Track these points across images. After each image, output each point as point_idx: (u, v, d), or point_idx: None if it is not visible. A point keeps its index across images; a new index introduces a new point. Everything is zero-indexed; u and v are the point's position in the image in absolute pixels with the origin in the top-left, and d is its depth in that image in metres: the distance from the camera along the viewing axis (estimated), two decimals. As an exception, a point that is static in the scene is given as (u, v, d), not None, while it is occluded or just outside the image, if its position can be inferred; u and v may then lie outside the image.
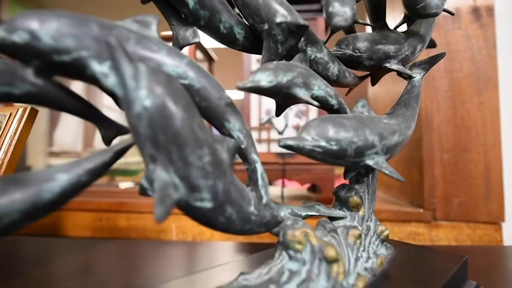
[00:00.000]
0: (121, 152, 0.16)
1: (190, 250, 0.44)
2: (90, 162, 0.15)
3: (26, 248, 0.43)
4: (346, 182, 0.24)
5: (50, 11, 0.15)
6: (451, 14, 0.26)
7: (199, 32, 0.21)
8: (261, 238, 0.52)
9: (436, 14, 0.22)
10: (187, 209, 0.15)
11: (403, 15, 0.28)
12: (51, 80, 0.15)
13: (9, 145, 0.28)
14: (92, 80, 0.15)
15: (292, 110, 0.57)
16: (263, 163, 0.20)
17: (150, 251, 0.43)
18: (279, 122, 0.58)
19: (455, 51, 0.51)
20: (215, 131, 0.20)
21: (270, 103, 0.59)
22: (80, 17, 0.15)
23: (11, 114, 0.29)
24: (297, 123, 0.58)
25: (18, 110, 0.29)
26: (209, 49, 0.82)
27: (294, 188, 0.79)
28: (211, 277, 0.22)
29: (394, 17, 0.57)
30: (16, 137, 0.28)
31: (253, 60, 0.60)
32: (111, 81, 0.14)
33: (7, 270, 0.35)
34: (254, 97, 0.58)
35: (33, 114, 0.30)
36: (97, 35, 0.15)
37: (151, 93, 0.13)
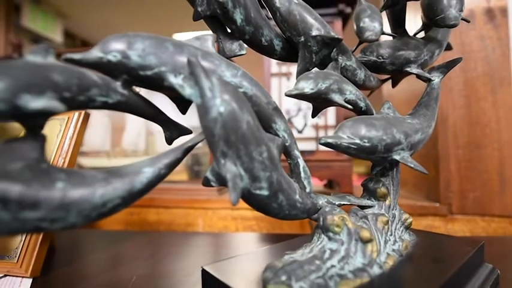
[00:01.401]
0: (189, 149, 0.19)
1: (217, 240, 0.47)
2: (167, 158, 0.18)
3: (66, 240, 0.47)
4: (361, 178, 0.27)
5: (135, 34, 0.18)
6: (467, 21, 0.28)
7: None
8: (283, 229, 0.55)
9: (454, 25, 0.25)
10: (248, 197, 0.18)
11: (420, 22, 0.31)
12: (132, 91, 0.19)
13: (69, 146, 0.31)
14: (169, 90, 0.18)
15: (310, 110, 0.59)
16: (283, 160, 0.22)
17: (181, 241, 0.46)
18: (298, 121, 0.61)
19: (469, 52, 0.53)
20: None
21: (289, 103, 0.61)
22: (158, 37, 0.18)
23: (68, 118, 0.33)
24: (316, 123, 0.60)
25: (74, 114, 0.33)
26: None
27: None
28: (251, 259, 0.25)
29: (407, 19, 0.59)
30: (74, 139, 0.32)
31: (273, 62, 0.62)
32: (187, 91, 0.17)
33: (54, 260, 0.38)
34: (274, 98, 0.61)
35: (86, 118, 0.34)
36: (173, 53, 0.18)
37: (224, 101, 0.16)
